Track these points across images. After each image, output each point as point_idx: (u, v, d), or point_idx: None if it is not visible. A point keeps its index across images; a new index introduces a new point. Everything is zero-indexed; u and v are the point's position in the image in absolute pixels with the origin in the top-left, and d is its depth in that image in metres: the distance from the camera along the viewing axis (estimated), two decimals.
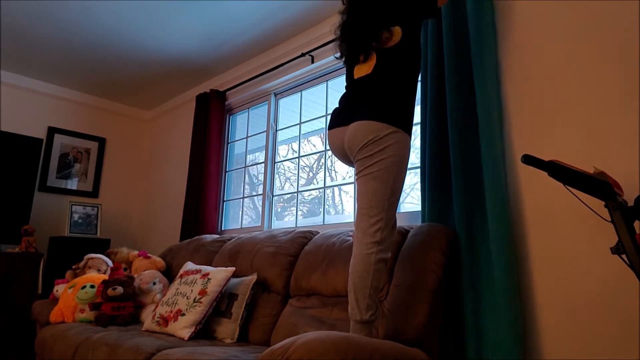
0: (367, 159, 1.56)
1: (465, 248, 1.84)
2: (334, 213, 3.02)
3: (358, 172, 1.60)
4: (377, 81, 1.63)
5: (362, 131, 1.56)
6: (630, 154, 1.60)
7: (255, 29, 3.14)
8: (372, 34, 1.68)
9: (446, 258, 1.78)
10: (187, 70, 3.81)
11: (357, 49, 1.71)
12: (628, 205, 1.26)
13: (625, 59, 1.66)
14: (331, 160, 3.04)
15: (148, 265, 2.88)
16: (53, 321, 2.51)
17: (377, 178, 1.54)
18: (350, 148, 1.61)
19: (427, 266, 1.75)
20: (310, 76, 3.15)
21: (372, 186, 1.55)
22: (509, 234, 1.73)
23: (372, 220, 1.54)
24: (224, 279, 2.15)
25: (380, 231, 1.53)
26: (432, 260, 1.77)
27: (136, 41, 3.34)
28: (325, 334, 1.25)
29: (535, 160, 1.33)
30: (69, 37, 3.29)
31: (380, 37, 1.66)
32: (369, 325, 1.51)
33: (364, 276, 1.50)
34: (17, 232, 3.48)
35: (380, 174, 1.54)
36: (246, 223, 3.50)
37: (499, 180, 1.77)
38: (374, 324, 1.64)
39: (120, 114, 4.66)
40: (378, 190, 1.54)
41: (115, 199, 4.49)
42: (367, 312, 1.50)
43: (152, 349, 1.75)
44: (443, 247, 1.80)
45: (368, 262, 1.50)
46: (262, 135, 3.49)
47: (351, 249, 2.01)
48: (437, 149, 2.03)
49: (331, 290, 2.02)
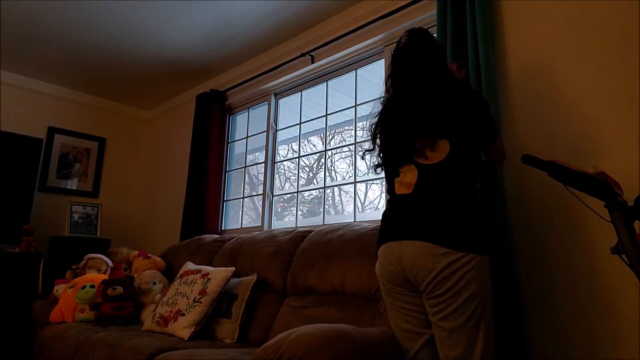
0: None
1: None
2: (334, 213, 3.02)
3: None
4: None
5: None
6: (630, 154, 1.59)
7: (255, 29, 3.14)
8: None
9: None
10: (187, 70, 3.81)
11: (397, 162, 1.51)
12: (628, 205, 1.26)
13: (625, 59, 1.66)
14: (331, 160, 3.04)
15: (148, 265, 2.88)
16: (53, 321, 2.51)
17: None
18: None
19: None
20: (310, 76, 3.15)
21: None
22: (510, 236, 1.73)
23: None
24: (224, 279, 2.15)
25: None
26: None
27: (136, 41, 3.34)
28: (317, 327, 1.25)
29: (535, 160, 1.33)
30: (69, 37, 3.28)
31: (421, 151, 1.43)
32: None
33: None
34: (17, 232, 3.48)
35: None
36: (246, 223, 3.50)
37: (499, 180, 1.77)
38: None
39: (120, 114, 4.65)
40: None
41: (115, 199, 4.49)
42: None
43: (152, 349, 1.75)
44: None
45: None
46: (262, 135, 3.48)
47: (347, 243, 2.00)
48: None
49: (328, 287, 2.02)
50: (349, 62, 2.91)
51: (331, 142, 3.14)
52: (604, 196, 1.27)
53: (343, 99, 2.99)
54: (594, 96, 1.72)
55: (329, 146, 3.07)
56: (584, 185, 1.30)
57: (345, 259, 1.98)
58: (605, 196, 1.27)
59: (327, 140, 3.10)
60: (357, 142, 2.82)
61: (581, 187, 1.32)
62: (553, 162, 1.31)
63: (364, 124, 2.91)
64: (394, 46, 1.63)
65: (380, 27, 2.62)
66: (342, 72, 2.99)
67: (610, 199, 1.26)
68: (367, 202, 2.93)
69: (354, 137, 2.83)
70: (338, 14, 2.90)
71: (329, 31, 2.93)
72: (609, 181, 1.27)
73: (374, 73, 2.82)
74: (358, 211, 2.73)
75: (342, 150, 3.04)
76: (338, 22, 2.88)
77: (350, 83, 2.94)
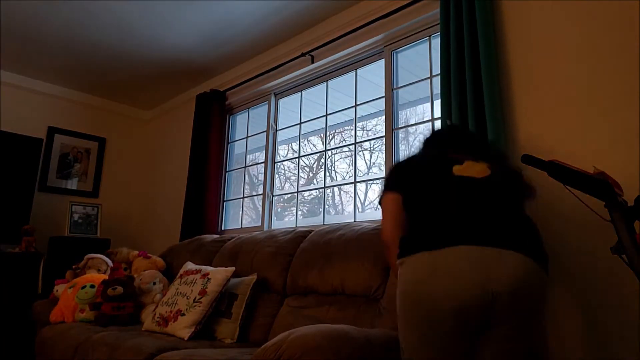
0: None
1: None
2: (334, 213, 3.02)
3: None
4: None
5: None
6: (630, 154, 1.59)
7: (255, 29, 3.14)
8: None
9: None
10: (187, 70, 3.81)
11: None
12: (628, 205, 1.26)
13: (625, 59, 1.66)
14: (331, 160, 3.04)
15: (148, 265, 2.88)
16: (53, 321, 2.51)
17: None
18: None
19: None
20: (310, 76, 3.15)
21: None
22: None
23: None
24: (223, 279, 2.15)
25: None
26: None
27: (136, 41, 3.34)
28: (317, 328, 1.25)
29: (535, 160, 1.33)
30: (69, 37, 3.28)
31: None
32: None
33: None
34: (17, 232, 3.48)
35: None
36: (246, 223, 3.50)
37: None
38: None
39: (120, 114, 4.65)
40: None
41: (115, 199, 4.49)
42: None
43: (152, 349, 1.75)
44: None
45: None
46: (262, 135, 3.48)
47: (348, 243, 2.00)
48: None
49: (328, 287, 2.02)
50: (349, 62, 2.91)
51: (331, 142, 3.14)
52: (604, 196, 1.27)
53: (343, 99, 3.00)
54: (594, 96, 1.72)
55: (329, 146, 3.08)
56: (584, 185, 1.30)
57: (346, 259, 1.98)
58: (605, 196, 1.27)
59: (327, 140, 3.10)
60: (357, 142, 2.82)
61: (581, 187, 1.32)
62: (553, 162, 1.31)
63: (364, 124, 2.91)
64: (394, 46, 1.62)
65: (380, 27, 2.62)
66: (342, 72, 2.99)
67: (610, 199, 1.26)
68: (367, 202, 2.93)
69: (354, 137, 2.83)
70: (338, 14, 2.90)
71: (329, 31, 2.93)
72: (609, 181, 1.27)
73: (374, 73, 2.82)
74: (358, 211, 2.73)
75: (342, 150, 3.04)
76: (338, 22, 2.88)
77: (350, 83, 2.94)
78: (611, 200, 1.26)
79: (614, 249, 1.24)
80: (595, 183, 1.27)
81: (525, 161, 1.34)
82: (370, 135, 2.87)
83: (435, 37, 2.44)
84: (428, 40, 2.49)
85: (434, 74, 2.42)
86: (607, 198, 1.27)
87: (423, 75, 2.49)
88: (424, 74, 2.48)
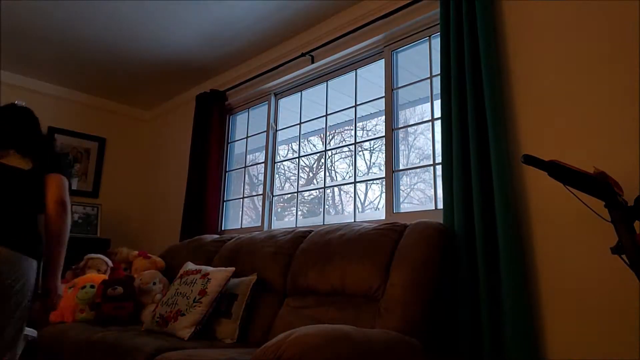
0: None
1: (465, 245, 1.84)
2: (334, 213, 3.02)
3: None
4: None
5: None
6: (630, 154, 1.60)
7: (255, 29, 3.14)
8: None
9: (442, 255, 1.79)
10: (187, 70, 3.81)
11: None
12: (628, 205, 1.26)
13: (625, 58, 1.66)
14: (331, 160, 3.04)
15: (148, 265, 2.88)
16: (53, 321, 2.51)
17: None
18: None
19: (423, 264, 1.75)
20: (310, 76, 3.15)
21: None
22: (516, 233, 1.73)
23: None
24: (223, 279, 2.15)
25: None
26: (429, 258, 1.77)
27: (136, 41, 3.34)
28: (317, 328, 1.25)
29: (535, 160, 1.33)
30: (69, 37, 3.29)
31: None
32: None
33: None
34: None
35: None
36: (246, 223, 3.50)
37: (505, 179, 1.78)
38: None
39: (120, 114, 4.65)
40: None
41: (115, 199, 4.49)
42: None
43: (152, 349, 1.75)
44: (439, 244, 1.80)
45: None
46: (262, 135, 3.49)
47: (348, 243, 2.00)
48: (460, 146, 2.00)
49: (328, 287, 2.02)
50: (349, 62, 2.91)
51: (331, 142, 3.14)
52: (604, 196, 1.27)
53: (343, 99, 3.00)
54: (595, 95, 1.72)
55: (329, 146, 3.08)
56: (584, 185, 1.30)
57: (346, 259, 1.98)
58: (605, 196, 1.27)
59: (327, 140, 3.10)
60: (357, 142, 2.82)
61: (581, 187, 1.32)
62: (553, 162, 1.31)
63: (364, 124, 2.91)
64: (394, 46, 1.62)
65: (380, 27, 2.62)
66: (342, 72, 2.99)
67: (610, 199, 1.26)
68: (367, 202, 2.93)
69: (354, 137, 2.83)
70: (338, 14, 2.90)
71: (329, 31, 2.93)
72: (609, 181, 1.27)
73: (374, 73, 2.82)
74: (358, 211, 2.73)
75: (342, 150, 3.04)
76: (338, 22, 2.88)
77: (350, 83, 2.94)
78: (611, 200, 1.26)
79: (614, 249, 1.24)
80: (595, 183, 1.27)
81: (525, 161, 1.34)
82: (370, 135, 2.87)
83: (435, 37, 2.44)
84: (428, 40, 2.49)
85: (434, 74, 2.42)
86: (607, 198, 1.27)
87: (423, 75, 2.50)
88: (424, 74, 2.48)
